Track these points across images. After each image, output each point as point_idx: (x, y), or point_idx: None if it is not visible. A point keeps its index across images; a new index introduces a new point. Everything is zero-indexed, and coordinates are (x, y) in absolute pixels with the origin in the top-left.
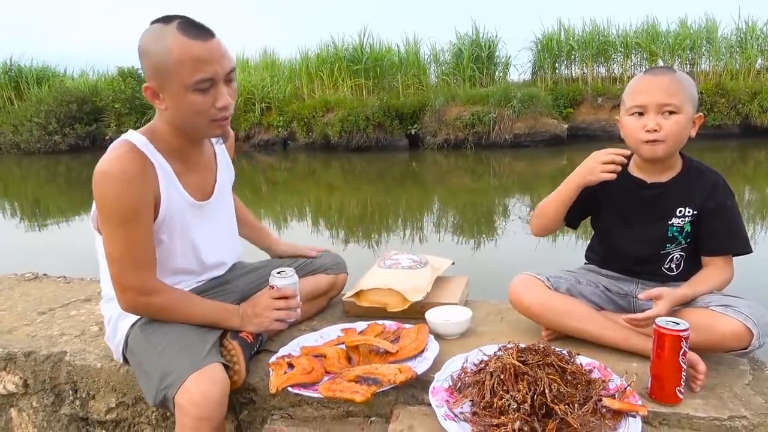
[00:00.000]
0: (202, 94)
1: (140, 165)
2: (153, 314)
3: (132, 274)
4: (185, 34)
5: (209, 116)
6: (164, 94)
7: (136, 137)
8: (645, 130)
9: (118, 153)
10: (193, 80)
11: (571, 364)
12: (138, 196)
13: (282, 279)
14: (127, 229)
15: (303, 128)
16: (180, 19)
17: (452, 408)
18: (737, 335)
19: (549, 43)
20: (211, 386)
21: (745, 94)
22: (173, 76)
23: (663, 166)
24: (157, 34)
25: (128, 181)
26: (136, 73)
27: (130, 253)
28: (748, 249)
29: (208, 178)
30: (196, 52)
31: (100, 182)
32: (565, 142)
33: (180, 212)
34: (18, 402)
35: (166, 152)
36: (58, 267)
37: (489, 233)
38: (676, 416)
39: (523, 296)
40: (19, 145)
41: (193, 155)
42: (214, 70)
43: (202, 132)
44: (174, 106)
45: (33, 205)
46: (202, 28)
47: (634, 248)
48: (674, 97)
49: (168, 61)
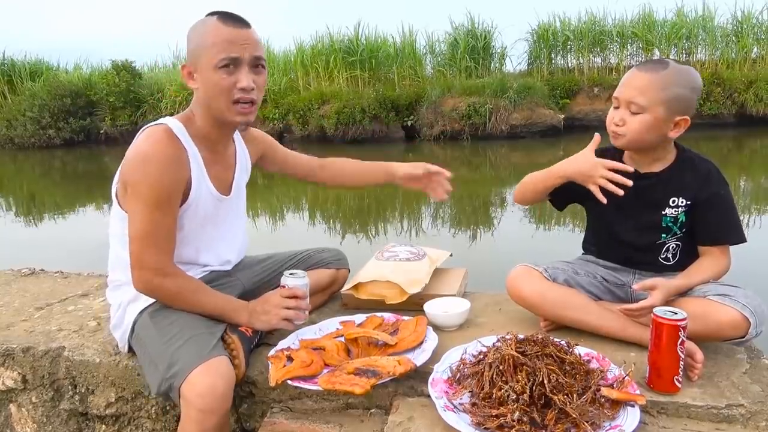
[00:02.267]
0: (227, 73)
1: (177, 150)
2: (164, 297)
3: (152, 254)
4: (222, 22)
5: (231, 96)
6: (197, 74)
7: (173, 122)
8: (614, 122)
9: (157, 137)
10: (219, 58)
11: (570, 355)
12: (173, 181)
13: (294, 279)
14: (157, 211)
15: (299, 121)
16: (223, 11)
17: (451, 399)
18: (734, 324)
19: (545, 33)
20: (217, 379)
21: (741, 84)
22: (204, 56)
23: (653, 157)
24: (200, 23)
25: (166, 165)
26: (130, 66)
27: (154, 233)
28: (742, 239)
29: (228, 172)
30: (227, 35)
31: (138, 164)
32: (561, 132)
33: (204, 202)
34: (17, 397)
35: (198, 139)
36: (55, 262)
37: (486, 224)
38: (674, 405)
39: (521, 288)
40: (13, 140)
41: (220, 146)
42: (240, 51)
43: (225, 115)
44: (203, 85)
45: (28, 200)
46: (240, 19)
47: (629, 239)
48: (643, 96)
49: (203, 43)
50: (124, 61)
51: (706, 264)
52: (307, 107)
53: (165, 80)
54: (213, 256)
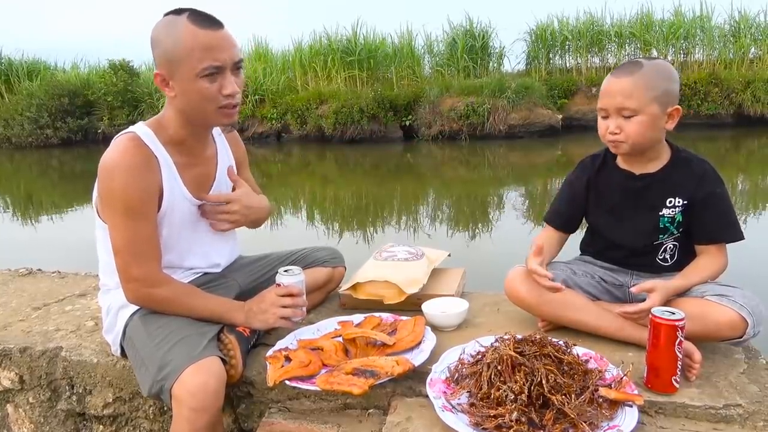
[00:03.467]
0: (209, 81)
1: (145, 158)
2: (157, 306)
3: (137, 266)
4: (195, 24)
5: (217, 103)
6: (174, 81)
7: (142, 129)
8: (609, 132)
9: (124, 146)
10: (202, 67)
11: (568, 355)
12: (142, 189)
13: (289, 277)
14: (132, 221)
15: (297, 120)
16: (191, 10)
17: (450, 399)
18: (732, 324)
19: (543, 33)
20: (207, 378)
21: (739, 84)
22: (183, 64)
23: (648, 157)
24: (168, 24)
25: (133, 174)
26: (128, 65)
27: (135, 244)
28: (739, 236)
29: (207, 174)
30: (205, 41)
31: (106, 174)
32: (559, 132)
33: (179, 206)
34: (14, 398)
35: (171, 144)
36: (52, 262)
37: (484, 224)
38: (672, 405)
39: (519, 289)
40: (10, 140)
41: (197, 149)
42: (222, 58)
43: (210, 120)
44: (183, 93)
45: (26, 200)
46: (212, 19)
47: (626, 241)
48: (631, 99)
49: (178, 49)
50: (122, 60)
51: (703, 263)
52: (305, 107)
53: None
54: (199, 260)
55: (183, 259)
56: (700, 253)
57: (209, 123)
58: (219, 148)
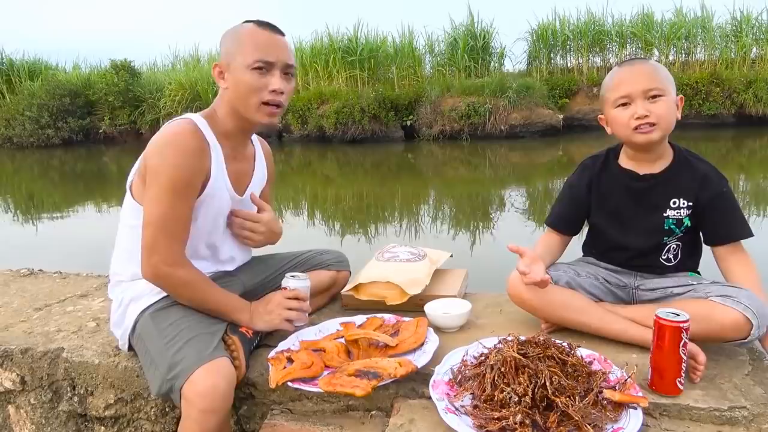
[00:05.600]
0: (259, 74)
1: (200, 142)
2: (171, 287)
3: (164, 242)
4: (258, 26)
5: (261, 97)
6: (228, 73)
7: (196, 118)
8: (634, 118)
9: (182, 128)
10: (253, 59)
11: (572, 357)
12: (193, 170)
13: (296, 281)
14: (173, 198)
15: (298, 120)
16: (260, 20)
17: (453, 401)
18: (736, 325)
19: (544, 33)
20: (218, 379)
21: (740, 83)
22: (238, 56)
23: (654, 155)
24: (237, 27)
25: (187, 153)
26: (129, 65)
27: (169, 221)
28: (750, 232)
29: (245, 173)
30: (261, 38)
31: (160, 149)
32: (560, 132)
33: (219, 196)
34: (15, 399)
35: (219, 135)
36: (53, 262)
37: (486, 225)
38: (676, 407)
39: (522, 290)
40: (11, 140)
41: (240, 145)
42: (274, 56)
43: (252, 114)
44: (233, 84)
45: (27, 200)
46: (274, 26)
47: (630, 242)
48: (657, 81)
49: (238, 44)
50: (123, 60)
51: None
52: (306, 107)
53: (164, 79)
54: (223, 252)
55: (208, 248)
56: (721, 256)
57: (251, 118)
58: (257, 154)
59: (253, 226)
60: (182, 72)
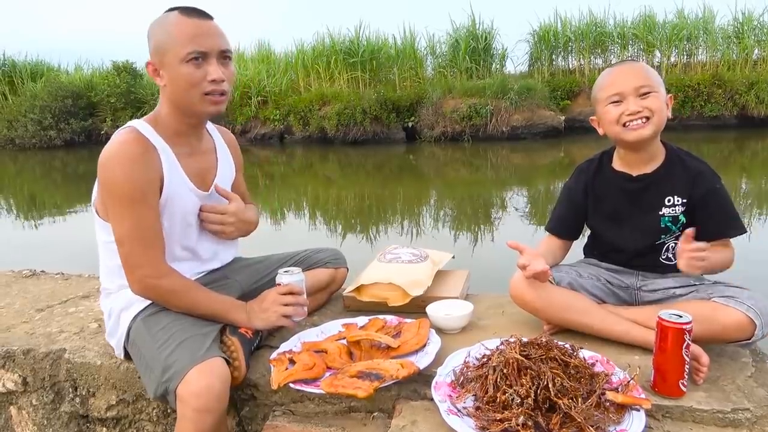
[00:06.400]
0: (195, 66)
1: (143, 147)
2: (161, 297)
3: (141, 255)
4: (184, 14)
5: (201, 89)
6: (163, 69)
7: (139, 124)
8: (626, 114)
9: (123, 138)
10: (186, 51)
11: (574, 358)
12: (143, 177)
13: (289, 276)
14: (135, 210)
15: (299, 122)
16: (183, 6)
17: (455, 403)
18: (740, 326)
19: (546, 34)
20: (212, 379)
21: (742, 85)
22: (170, 50)
23: (646, 155)
24: (161, 18)
25: (133, 163)
26: (131, 67)
27: (138, 233)
28: (742, 230)
29: (208, 167)
30: (191, 28)
31: (107, 165)
32: (562, 133)
33: (180, 196)
34: (17, 400)
35: (168, 137)
36: (55, 263)
37: (488, 226)
38: (679, 409)
39: (525, 292)
40: (14, 141)
41: (193, 141)
42: (207, 45)
43: (196, 107)
44: (171, 80)
45: (29, 201)
46: (201, 11)
47: (629, 244)
48: (647, 79)
49: (166, 37)
50: (125, 62)
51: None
52: (307, 108)
53: None
54: (202, 251)
55: (185, 250)
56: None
57: (195, 111)
58: (218, 147)
59: (220, 218)
60: None
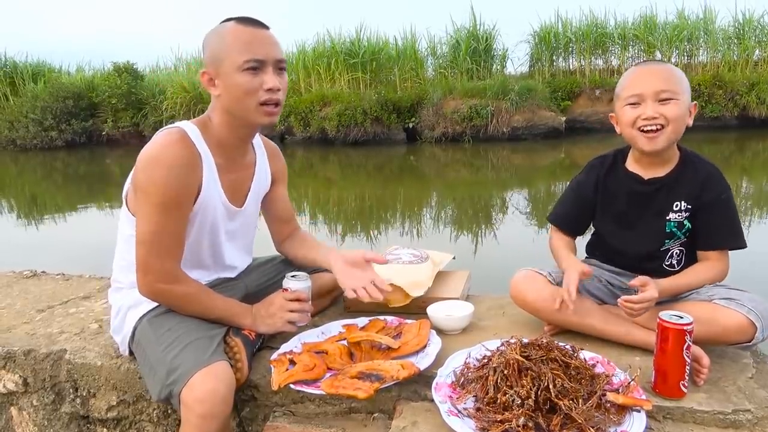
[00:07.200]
0: (251, 75)
1: (190, 155)
2: (169, 302)
3: (158, 259)
4: (240, 23)
5: (258, 98)
6: (218, 79)
7: (189, 127)
8: (642, 119)
9: (171, 139)
10: (243, 59)
11: (575, 359)
12: (183, 185)
13: (296, 282)
14: (165, 216)
15: (300, 122)
16: (241, 16)
17: (455, 404)
18: (740, 328)
19: (547, 35)
20: (217, 384)
21: (743, 86)
22: (226, 59)
23: (661, 159)
24: (217, 28)
25: (176, 169)
26: (132, 68)
27: (161, 238)
28: (742, 244)
29: (244, 182)
30: (247, 36)
31: (148, 166)
32: (562, 134)
33: (213, 207)
34: (18, 401)
35: (214, 145)
36: (56, 264)
37: (489, 227)
38: (680, 410)
39: (526, 293)
40: (15, 142)
41: (237, 154)
42: (263, 53)
43: (251, 117)
44: (226, 89)
45: (30, 202)
46: (257, 21)
47: (633, 247)
48: (670, 83)
49: (223, 46)
50: (126, 62)
51: (697, 268)
52: (308, 109)
53: (167, 82)
54: (222, 262)
55: (205, 262)
56: (700, 258)
57: (250, 120)
58: (258, 161)
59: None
60: (184, 74)
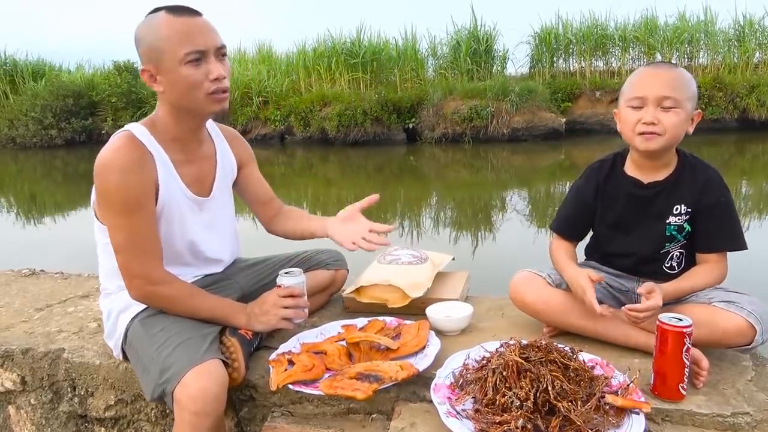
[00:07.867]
0: (194, 67)
1: (139, 155)
2: (160, 304)
3: (138, 263)
4: (173, 14)
5: (204, 89)
6: (160, 75)
7: (136, 128)
8: (642, 123)
9: (118, 144)
10: (184, 52)
11: (574, 361)
12: (139, 186)
13: (290, 278)
14: (130, 219)
15: (300, 122)
16: (168, 6)
17: (454, 405)
18: (740, 331)
19: (547, 36)
20: (209, 382)
21: (743, 88)
22: (165, 53)
23: (660, 162)
24: (148, 21)
25: (128, 171)
26: (132, 66)
27: (134, 242)
28: (742, 246)
29: (207, 172)
30: (183, 27)
31: (101, 173)
32: (563, 136)
33: (177, 203)
34: (16, 399)
35: (166, 142)
36: (55, 263)
37: (488, 228)
38: (679, 413)
39: (525, 294)
40: (15, 140)
41: (192, 146)
42: (203, 43)
43: (201, 108)
44: (170, 85)
45: (29, 200)
46: (189, 9)
47: (634, 250)
48: (675, 91)
49: (159, 41)
50: (126, 61)
51: (702, 271)
52: (308, 109)
53: None
54: (202, 256)
55: (185, 256)
56: (699, 261)
57: (200, 112)
58: (219, 149)
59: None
60: None
